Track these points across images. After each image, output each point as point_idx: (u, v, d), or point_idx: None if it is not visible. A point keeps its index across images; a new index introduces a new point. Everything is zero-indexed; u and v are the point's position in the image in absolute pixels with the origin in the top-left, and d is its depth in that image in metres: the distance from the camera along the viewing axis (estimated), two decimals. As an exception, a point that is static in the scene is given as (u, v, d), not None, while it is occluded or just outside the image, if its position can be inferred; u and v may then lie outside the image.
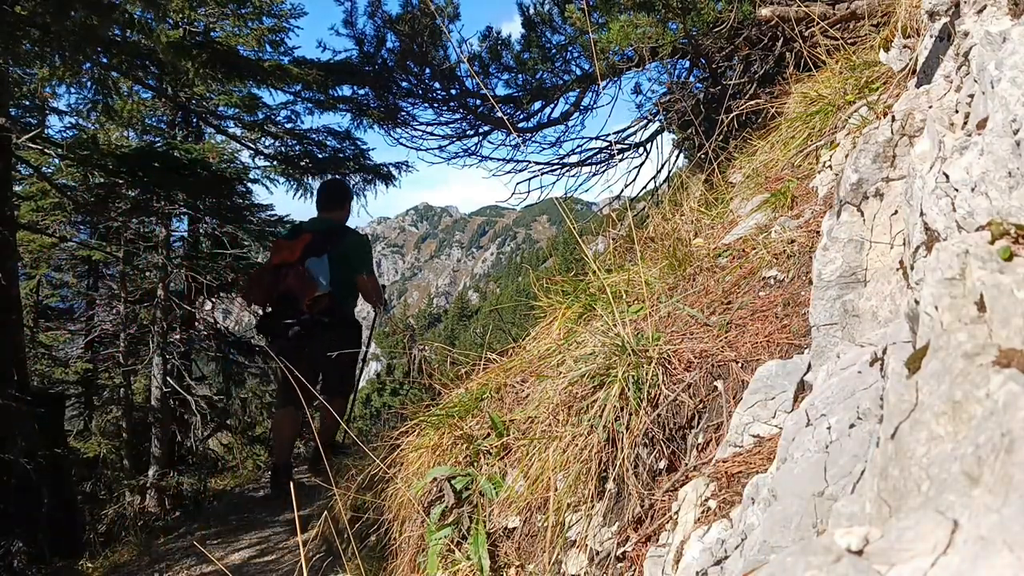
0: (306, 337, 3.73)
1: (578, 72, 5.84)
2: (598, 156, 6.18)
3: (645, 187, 5.93)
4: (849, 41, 2.87)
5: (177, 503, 8.04)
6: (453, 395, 2.23)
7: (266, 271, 3.89)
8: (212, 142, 8.54)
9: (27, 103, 6.74)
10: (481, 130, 6.15)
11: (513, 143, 6.07)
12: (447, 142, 6.20)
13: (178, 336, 8.57)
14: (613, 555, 1.36)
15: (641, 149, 5.96)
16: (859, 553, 0.43)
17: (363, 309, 4.28)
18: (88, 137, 6.79)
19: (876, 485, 0.57)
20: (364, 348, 4.31)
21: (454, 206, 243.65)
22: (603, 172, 6.18)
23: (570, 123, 6.13)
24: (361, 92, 6.07)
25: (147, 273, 9.42)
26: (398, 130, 6.17)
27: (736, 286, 1.79)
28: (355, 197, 4.21)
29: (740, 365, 1.44)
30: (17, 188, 7.99)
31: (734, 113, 3.54)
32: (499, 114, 5.82)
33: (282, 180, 7.95)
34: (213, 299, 9.14)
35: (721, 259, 2.03)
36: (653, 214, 3.05)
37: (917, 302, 0.63)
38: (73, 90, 5.54)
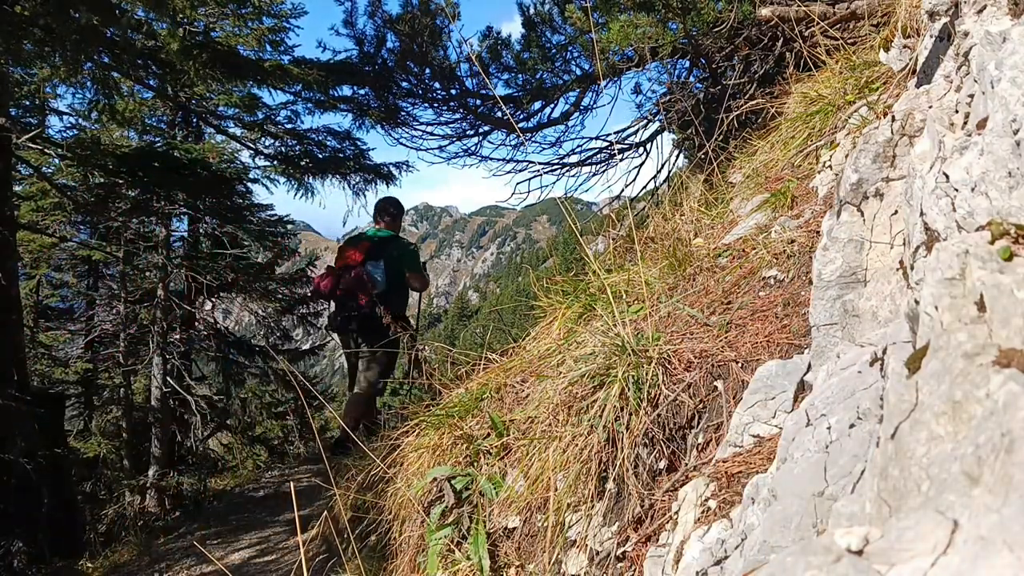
0: (360, 329, 4.45)
1: (578, 72, 5.84)
2: (598, 156, 6.18)
3: (645, 187, 5.94)
4: (849, 41, 2.87)
5: (177, 503, 8.04)
6: (453, 395, 2.23)
7: (332, 271, 4.55)
8: (212, 142, 8.53)
9: (27, 103, 6.73)
10: (481, 130, 6.15)
11: (513, 143, 6.07)
12: (447, 142, 6.20)
13: (178, 336, 8.56)
14: (613, 555, 1.36)
15: (641, 149, 5.96)
16: (859, 553, 0.43)
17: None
18: (88, 137, 6.78)
19: (876, 485, 0.57)
20: (414, 330, 4.85)
21: (454, 206, 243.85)
22: (603, 172, 6.18)
23: (570, 123, 6.13)
24: (361, 92, 6.06)
25: (147, 273, 9.41)
26: (398, 130, 6.17)
27: (736, 286, 1.79)
28: (404, 211, 5.02)
29: (740, 365, 1.43)
30: (17, 188, 7.99)
31: (734, 113, 3.53)
32: (500, 114, 5.82)
33: (282, 180, 7.95)
34: (213, 299, 9.14)
35: (721, 259, 2.03)
36: (653, 214, 3.05)
37: (917, 302, 0.63)
38: (73, 90, 5.56)
